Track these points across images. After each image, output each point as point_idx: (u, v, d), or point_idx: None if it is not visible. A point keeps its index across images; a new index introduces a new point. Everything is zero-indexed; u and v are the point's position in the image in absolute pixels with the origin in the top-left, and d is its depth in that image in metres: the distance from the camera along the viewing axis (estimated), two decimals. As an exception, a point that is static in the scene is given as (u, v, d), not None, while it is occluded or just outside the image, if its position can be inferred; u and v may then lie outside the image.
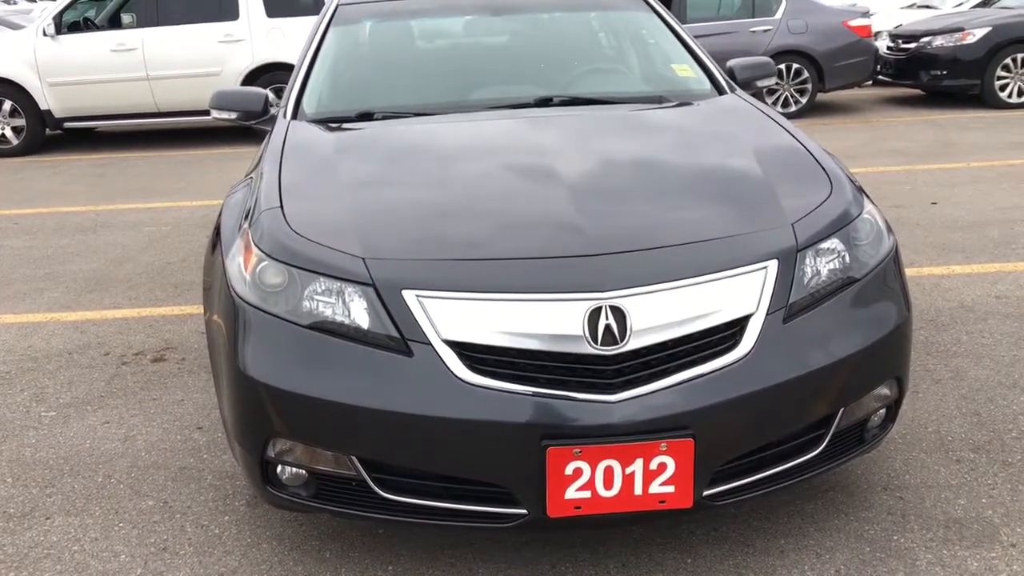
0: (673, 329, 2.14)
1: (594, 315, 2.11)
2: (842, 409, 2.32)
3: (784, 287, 2.25)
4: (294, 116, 3.37)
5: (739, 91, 3.58)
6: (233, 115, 3.58)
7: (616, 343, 2.10)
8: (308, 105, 3.43)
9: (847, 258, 2.39)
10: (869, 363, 2.32)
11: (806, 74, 10.90)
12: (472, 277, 2.17)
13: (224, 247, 2.57)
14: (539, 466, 2.07)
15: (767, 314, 2.21)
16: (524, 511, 2.15)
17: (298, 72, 3.59)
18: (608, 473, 2.09)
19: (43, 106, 10.22)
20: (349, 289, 2.21)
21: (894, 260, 2.51)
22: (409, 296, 2.16)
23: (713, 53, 3.92)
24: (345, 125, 3.22)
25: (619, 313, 2.11)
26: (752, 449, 2.23)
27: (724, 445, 2.17)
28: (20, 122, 10.32)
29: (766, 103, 3.39)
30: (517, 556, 2.51)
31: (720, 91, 3.57)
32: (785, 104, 10.97)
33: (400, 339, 2.14)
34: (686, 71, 3.66)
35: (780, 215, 2.40)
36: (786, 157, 2.78)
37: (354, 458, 2.19)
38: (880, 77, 11.65)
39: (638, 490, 2.11)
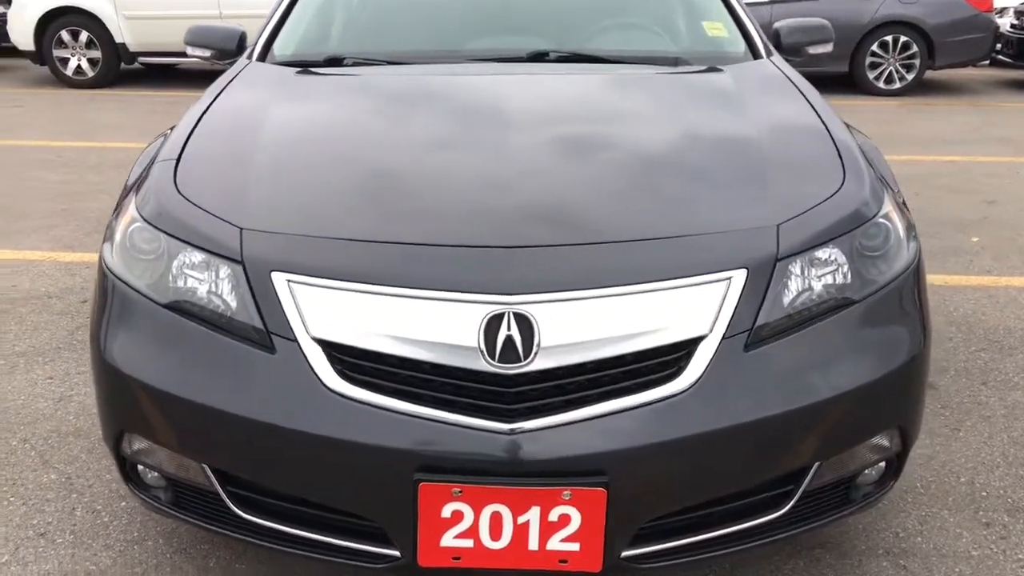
0: (596, 349, 1.70)
1: (494, 323, 1.68)
2: (817, 464, 1.84)
3: (751, 305, 1.77)
4: (261, 57, 3.00)
5: (776, 57, 3.03)
6: (207, 52, 3.23)
7: (519, 361, 1.68)
8: (280, 46, 3.05)
9: (846, 273, 1.88)
10: (859, 409, 1.83)
11: (914, 48, 9.99)
12: (351, 262, 1.77)
13: (120, 204, 2.23)
14: (412, 504, 1.68)
15: (723, 338, 1.74)
16: (398, 554, 1.76)
17: (276, 8, 3.22)
18: (495, 521, 1.68)
19: (118, 39, 10.19)
20: (222, 266, 1.84)
21: (914, 278, 1.99)
22: (279, 280, 1.77)
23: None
24: (311, 70, 2.83)
25: (525, 323, 1.68)
26: (691, 505, 1.77)
27: (652, 498, 1.73)
28: (96, 54, 10.32)
29: (794, 71, 2.82)
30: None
31: (755, 55, 3.03)
32: (889, 80, 10.10)
33: (264, 332, 1.76)
34: (718, 30, 3.13)
35: (763, 212, 1.91)
36: (799, 140, 2.26)
37: (206, 468, 1.84)
38: (999, 57, 10.62)
39: (533, 545, 1.69)
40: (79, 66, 10.35)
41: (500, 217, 1.85)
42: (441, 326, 1.69)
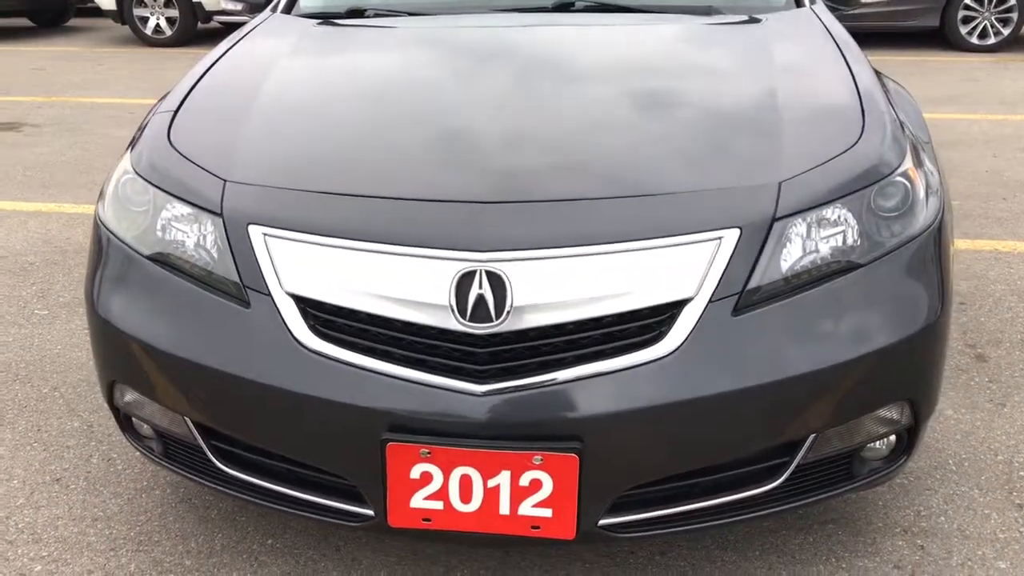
0: (573, 309, 1.62)
1: (466, 281, 1.62)
2: (813, 435, 1.73)
3: (743, 267, 1.67)
4: (287, 9, 2.97)
5: (819, 5, 2.85)
6: (239, 6, 3.22)
7: (490, 320, 1.62)
8: None
9: (856, 234, 1.76)
10: (861, 380, 1.71)
11: (1012, 1, 9.39)
12: (323, 216, 1.73)
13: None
14: (381, 463, 1.64)
15: (710, 301, 1.64)
16: (372, 513, 1.73)
17: None
18: (465, 484, 1.63)
19: (195, -2, 10.35)
20: (205, 219, 1.82)
21: (933, 241, 1.84)
22: (255, 233, 1.75)
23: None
24: (332, 22, 2.79)
25: (498, 282, 1.62)
26: (674, 474, 1.70)
27: (630, 466, 1.65)
28: (174, 13, 10.50)
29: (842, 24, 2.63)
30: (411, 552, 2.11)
31: (798, 3, 2.86)
32: (983, 35, 9.55)
33: (240, 286, 1.74)
34: (759, -23, 2.96)
35: (765, 167, 1.79)
36: (822, 92, 2.12)
37: (188, 420, 1.84)
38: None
39: (504, 509, 1.65)
40: (158, 25, 10.57)
41: (479, 171, 1.78)
42: (413, 283, 1.64)
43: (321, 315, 1.68)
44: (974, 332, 3.17)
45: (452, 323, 1.62)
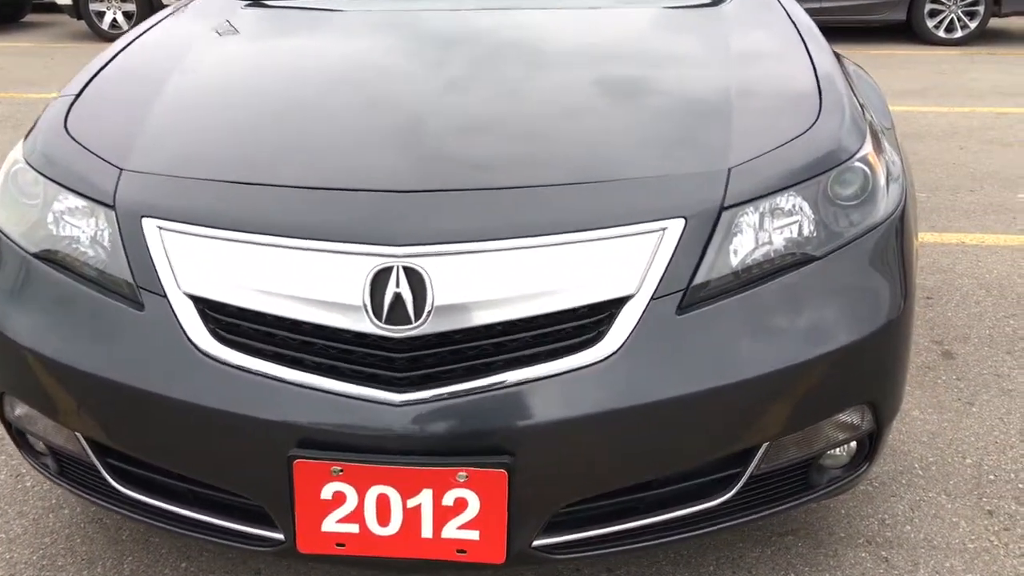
0: (500, 309, 1.47)
1: (382, 279, 1.46)
2: (766, 444, 1.59)
3: (688, 260, 1.52)
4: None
5: None
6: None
7: (409, 322, 1.45)
8: None
9: (811, 224, 1.61)
10: (818, 383, 1.57)
11: (978, -6, 9.37)
12: (223, 207, 1.56)
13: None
14: (288, 483, 1.48)
15: (653, 298, 1.50)
16: (281, 537, 1.57)
17: None
18: (383, 504, 1.47)
19: (155, -9, 10.10)
20: (99, 212, 1.65)
21: (894, 231, 1.71)
22: (149, 226, 1.57)
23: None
24: (265, 4, 2.61)
25: (417, 279, 1.46)
26: (616, 489, 1.54)
27: (566, 482, 1.50)
28: (131, 7, 10.24)
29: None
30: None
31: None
32: (950, 28, 9.50)
33: (132, 286, 1.57)
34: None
35: (713, 153, 1.64)
36: (777, 75, 1.97)
37: (80, 436, 1.66)
38: (1072, 2, 9.89)
39: (426, 532, 1.49)
40: (114, 19, 10.30)
41: (399, 158, 1.62)
42: (324, 282, 1.48)
43: (222, 318, 1.52)
44: (941, 328, 3.05)
45: (367, 325, 1.46)
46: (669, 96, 1.86)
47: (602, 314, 1.49)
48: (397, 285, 1.45)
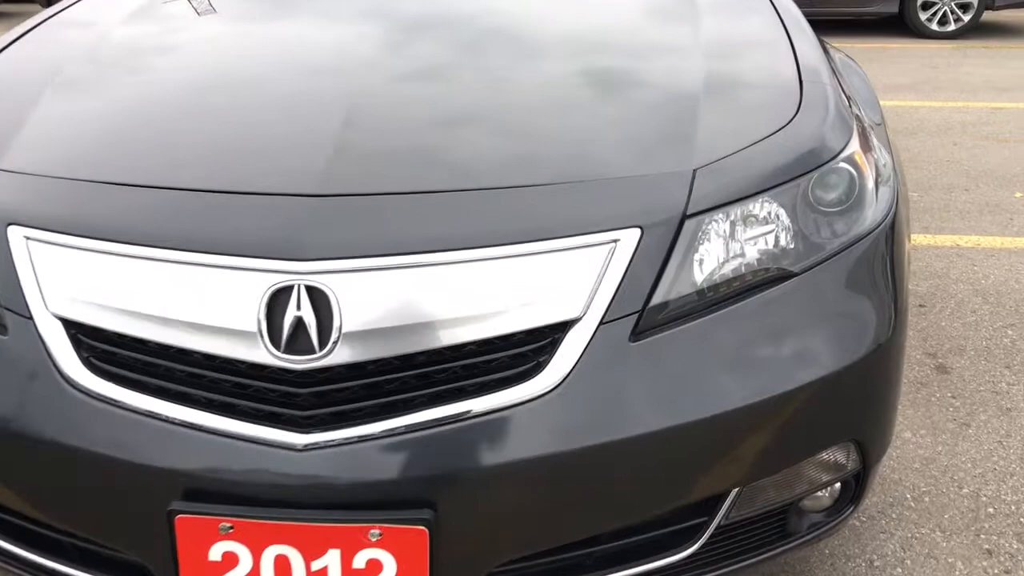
0: (422, 336, 1.24)
1: (280, 300, 1.24)
2: (736, 490, 1.37)
3: (645, 277, 1.30)
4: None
5: None
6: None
7: (313, 351, 1.23)
8: None
9: (787, 235, 1.40)
10: (795, 418, 1.35)
11: (971, -14, 9.17)
12: (103, 212, 1.33)
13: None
14: (171, 541, 1.25)
15: (602, 322, 1.27)
16: (170, 600, 1.34)
17: None
18: (282, 567, 1.25)
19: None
20: None
21: (885, 242, 1.49)
22: (15, 235, 1.35)
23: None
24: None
25: (322, 299, 1.23)
26: (559, 545, 1.32)
27: (500, 538, 1.28)
28: (103, -3, 9.97)
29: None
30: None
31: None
32: (943, 22, 9.31)
33: None
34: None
35: (677, 152, 1.42)
36: (754, 64, 1.75)
37: (-61, 478, 1.43)
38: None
39: (335, 599, 1.27)
40: (86, 10, 10.02)
41: (309, 159, 1.38)
42: (214, 303, 1.25)
43: (97, 345, 1.29)
44: (935, 339, 2.84)
45: (263, 355, 1.23)
46: (627, 89, 1.64)
47: (542, 341, 1.27)
48: (298, 307, 1.22)
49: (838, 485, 1.52)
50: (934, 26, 9.32)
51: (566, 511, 1.29)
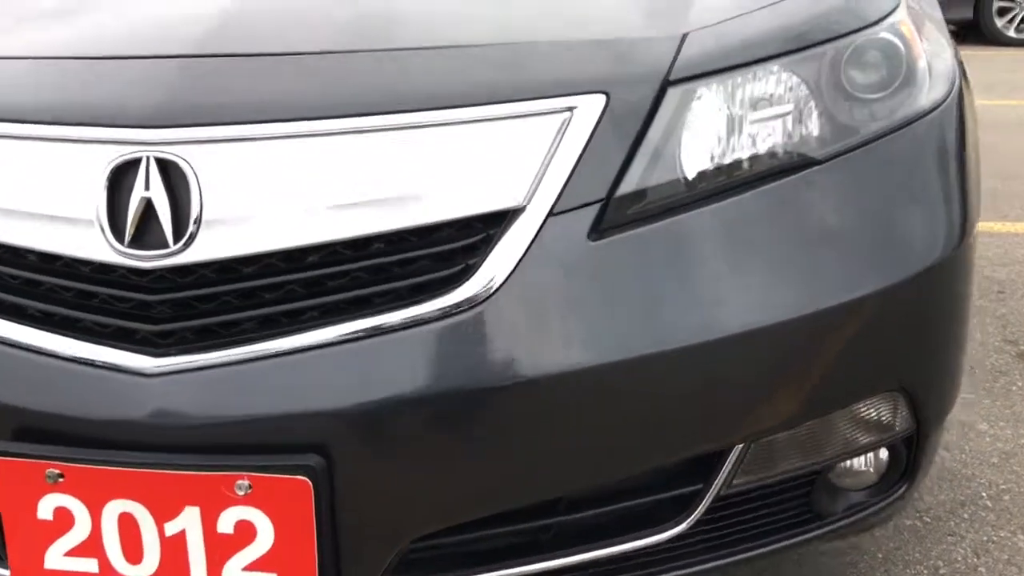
0: (318, 225, 0.95)
1: (125, 177, 0.95)
2: (740, 447, 1.03)
3: (611, 158, 0.98)
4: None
5: None
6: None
7: (165, 245, 0.94)
8: None
9: (810, 114, 1.06)
10: (822, 354, 1.02)
11: (1052, -11, 8.62)
12: None
13: None
14: (-8, 492, 0.97)
15: (551, 213, 0.96)
16: (5, 573, 1.06)
17: None
18: (128, 529, 0.95)
19: None
20: None
21: (947, 126, 1.14)
22: None
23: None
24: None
25: (180, 177, 0.94)
26: (501, 513, 1.00)
27: (417, 498, 0.97)
28: None
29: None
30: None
31: None
32: (1021, 28, 8.76)
33: None
34: None
35: (663, 14, 1.10)
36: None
37: None
38: None
39: (197, 572, 0.96)
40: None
41: (186, 23, 1.09)
42: (52, 186, 0.98)
43: None
44: (1015, 325, 2.44)
45: (102, 250, 0.95)
46: None
47: (473, 237, 0.96)
48: (146, 187, 0.94)
49: (884, 453, 1.17)
50: (1011, 32, 8.78)
51: (506, 467, 0.97)
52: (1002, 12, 8.78)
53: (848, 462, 1.15)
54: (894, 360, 1.07)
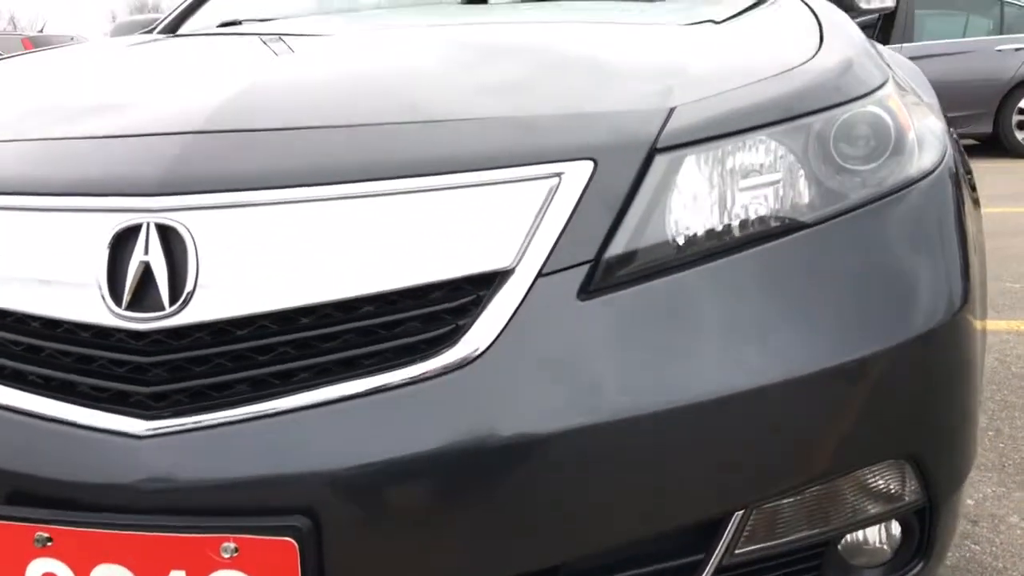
0: (307, 288, 0.96)
1: (128, 244, 0.98)
2: (739, 513, 1.00)
3: (599, 221, 1.00)
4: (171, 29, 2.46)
5: None
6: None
7: (162, 307, 0.96)
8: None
9: (798, 181, 1.08)
10: (820, 417, 1.00)
11: (1071, 103, 8.74)
12: None
13: None
14: (-19, 558, 0.96)
15: (540, 274, 0.97)
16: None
17: None
18: (114, 595, 0.94)
19: None
20: None
21: (941, 190, 1.15)
22: None
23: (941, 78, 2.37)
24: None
25: (177, 241, 0.97)
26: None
27: (406, 563, 0.95)
28: None
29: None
30: None
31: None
32: (1038, 142, 8.84)
33: None
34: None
35: (661, 95, 1.13)
36: (770, 19, 1.48)
37: None
38: None
39: (182, 641, 0.94)
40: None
41: (191, 105, 1.14)
42: (55, 254, 1.01)
43: None
44: (1047, 419, 2.37)
45: (101, 313, 0.97)
46: (625, 42, 1.38)
47: (463, 299, 0.97)
48: (145, 251, 0.97)
49: (896, 529, 1.13)
50: (1029, 147, 8.87)
51: (496, 531, 0.95)
52: (1021, 126, 8.89)
53: (859, 536, 1.11)
54: (898, 427, 1.05)
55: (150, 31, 2.48)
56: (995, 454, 2.16)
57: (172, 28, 2.47)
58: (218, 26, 2.17)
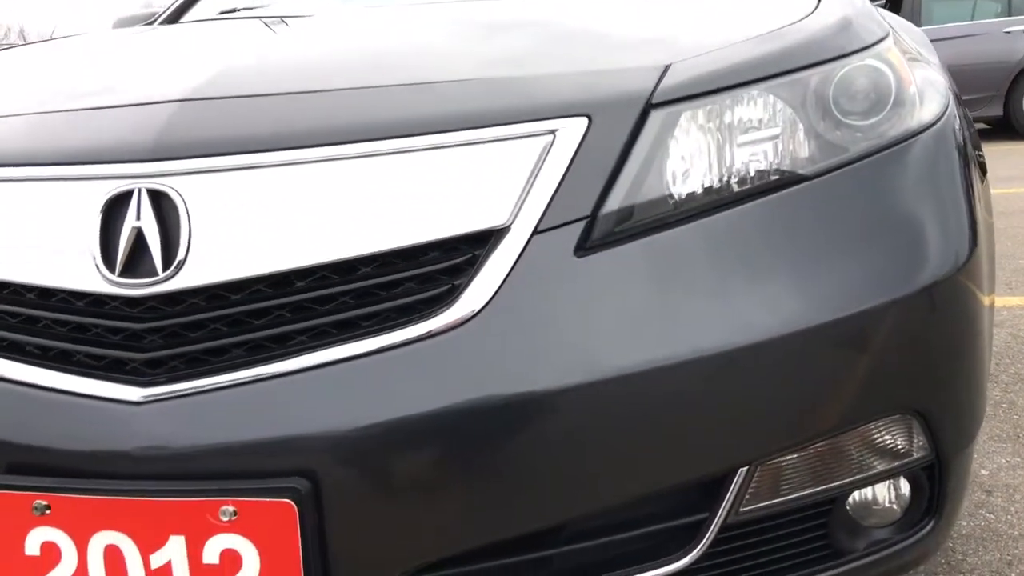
0: (301, 251, 0.96)
1: (121, 210, 0.98)
2: (743, 469, 0.99)
3: (594, 179, 0.98)
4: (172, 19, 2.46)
5: None
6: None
7: (155, 273, 0.96)
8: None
9: (797, 134, 1.07)
10: (821, 371, 0.99)
11: (1082, 84, 8.67)
12: None
13: None
14: (-19, 528, 0.96)
15: (536, 231, 0.96)
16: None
17: None
18: (114, 562, 0.93)
19: None
20: None
21: (943, 142, 1.13)
22: None
23: (950, 62, 2.33)
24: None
25: (170, 208, 0.97)
26: (493, 543, 0.96)
27: (408, 527, 0.94)
28: None
29: None
30: None
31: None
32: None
33: None
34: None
35: (652, 50, 1.12)
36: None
37: None
38: None
39: (182, 607, 0.93)
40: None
41: (182, 75, 1.14)
42: (51, 224, 1.01)
43: None
44: (1061, 391, 2.34)
45: (95, 281, 0.97)
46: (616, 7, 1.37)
47: (458, 258, 0.96)
48: (137, 216, 0.96)
49: (906, 487, 1.11)
50: (1042, 134, 8.80)
51: (495, 491, 0.94)
52: (1032, 107, 8.82)
53: (867, 495, 1.09)
54: (904, 381, 1.03)
55: (151, 24, 2.48)
56: (1009, 425, 2.14)
57: (171, 20, 2.47)
58: (218, 14, 2.18)
